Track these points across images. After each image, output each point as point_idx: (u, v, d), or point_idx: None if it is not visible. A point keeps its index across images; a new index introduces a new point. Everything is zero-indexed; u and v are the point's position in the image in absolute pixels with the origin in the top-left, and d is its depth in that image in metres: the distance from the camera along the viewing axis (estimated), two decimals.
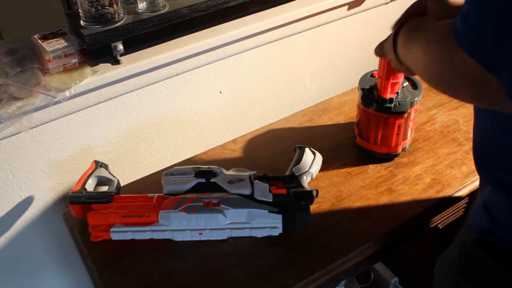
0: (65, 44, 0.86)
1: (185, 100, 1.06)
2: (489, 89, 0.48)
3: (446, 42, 0.51)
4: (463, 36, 0.48)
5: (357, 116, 1.01)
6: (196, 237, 0.84)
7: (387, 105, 0.92)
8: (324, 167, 0.98)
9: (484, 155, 0.65)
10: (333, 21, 1.16)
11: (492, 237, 0.64)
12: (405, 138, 0.98)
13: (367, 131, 0.98)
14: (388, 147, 0.98)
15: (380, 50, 0.83)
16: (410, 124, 0.97)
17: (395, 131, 0.95)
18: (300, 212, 0.82)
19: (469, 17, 0.47)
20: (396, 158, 1.00)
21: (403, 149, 1.00)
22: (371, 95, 0.94)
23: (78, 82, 0.86)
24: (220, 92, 1.10)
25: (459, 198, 0.93)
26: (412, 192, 0.93)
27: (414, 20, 0.69)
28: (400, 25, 0.71)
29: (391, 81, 0.90)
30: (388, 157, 0.99)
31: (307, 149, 0.96)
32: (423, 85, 0.96)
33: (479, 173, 0.68)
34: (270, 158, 1.03)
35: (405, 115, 0.93)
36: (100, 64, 0.90)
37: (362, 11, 1.19)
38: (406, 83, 0.97)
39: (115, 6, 0.88)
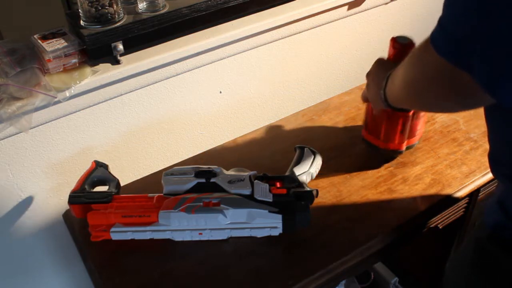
0: (65, 44, 0.86)
1: (185, 100, 1.06)
2: (464, 87, 0.52)
3: (423, 47, 0.58)
4: (438, 39, 0.53)
5: (365, 112, 1.00)
6: (196, 237, 0.84)
7: None
8: (324, 167, 0.98)
9: (501, 163, 0.67)
10: (333, 21, 1.16)
11: (507, 233, 0.65)
12: (411, 136, 0.97)
13: (373, 125, 0.97)
14: (392, 143, 0.96)
15: (364, 97, 0.91)
16: (421, 121, 0.96)
17: (399, 128, 0.94)
18: (300, 212, 0.82)
19: (443, 21, 0.52)
20: (396, 158, 1.00)
21: (408, 147, 0.99)
22: None
23: (78, 82, 0.86)
24: (220, 92, 1.10)
25: (459, 198, 0.93)
26: (412, 192, 0.93)
27: None
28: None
29: None
30: (392, 154, 0.98)
31: (307, 149, 0.96)
32: None
33: (494, 175, 0.70)
34: (270, 158, 1.03)
35: (410, 113, 0.92)
36: (100, 64, 0.90)
37: (362, 11, 1.19)
38: None
39: (115, 6, 0.88)
